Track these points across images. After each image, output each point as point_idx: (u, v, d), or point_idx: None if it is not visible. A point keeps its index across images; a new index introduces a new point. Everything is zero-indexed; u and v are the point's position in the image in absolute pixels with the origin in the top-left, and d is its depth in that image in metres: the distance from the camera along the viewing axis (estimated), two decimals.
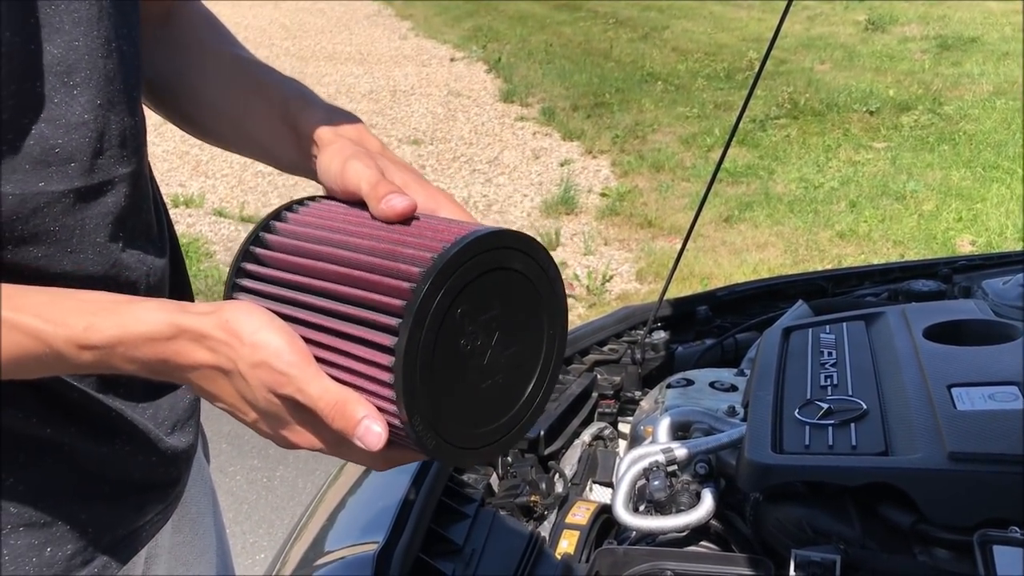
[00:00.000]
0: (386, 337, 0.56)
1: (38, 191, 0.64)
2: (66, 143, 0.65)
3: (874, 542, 0.89)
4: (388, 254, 0.59)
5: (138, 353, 0.60)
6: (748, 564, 0.91)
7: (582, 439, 1.35)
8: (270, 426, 0.62)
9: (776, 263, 4.36)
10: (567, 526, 1.10)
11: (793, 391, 1.11)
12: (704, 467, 1.04)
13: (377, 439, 0.58)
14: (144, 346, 0.60)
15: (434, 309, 0.55)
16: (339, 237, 0.64)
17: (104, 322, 0.59)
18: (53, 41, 0.63)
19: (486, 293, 0.58)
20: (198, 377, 0.61)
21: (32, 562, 0.72)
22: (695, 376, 1.31)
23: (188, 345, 0.60)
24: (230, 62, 0.83)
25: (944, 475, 0.87)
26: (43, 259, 0.66)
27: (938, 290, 1.53)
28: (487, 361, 0.59)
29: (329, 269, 0.62)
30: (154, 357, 0.60)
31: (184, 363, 0.60)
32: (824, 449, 0.96)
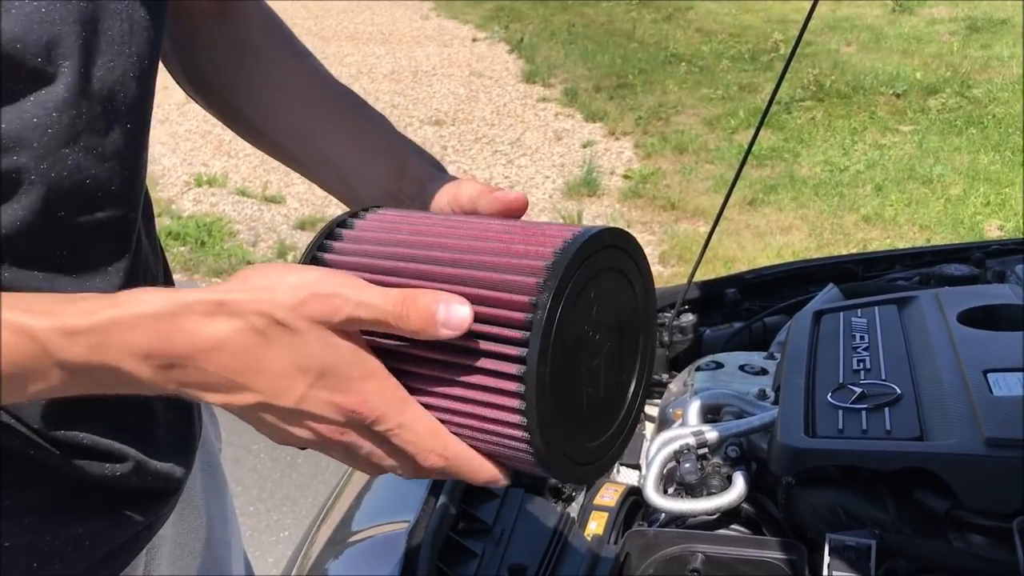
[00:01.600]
0: (512, 348, 0.50)
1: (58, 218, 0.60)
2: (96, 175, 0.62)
3: (909, 527, 0.88)
4: (500, 252, 0.53)
5: (138, 339, 0.49)
6: (780, 548, 0.91)
7: None
8: (329, 392, 0.51)
9: (800, 247, 4.33)
10: (596, 508, 1.10)
11: (825, 375, 1.10)
12: (735, 450, 1.03)
13: (465, 316, 0.50)
14: (143, 327, 0.49)
15: (561, 311, 0.50)
16: (435, 240, 0.56)
17: (96, 303, 0.50)
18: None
19: (599, 295, 0.53)
20: (222, 365, 0.50)
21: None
22: (725, 359, 1.30)
23: (199, 320, 0.50)
24: (307, 75, 0.81)
25: (981, 461, 0.86)
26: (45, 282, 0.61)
27: (971, 274, 1.51)
28: (596, 369, 0.54)
29: (431, 271, 0.54)
30: (159, 345, 0.49)
31: (198, 345, 0.50)
32: (858, 433, 0.95)
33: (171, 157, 5.88)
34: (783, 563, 0.90)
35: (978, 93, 5.89)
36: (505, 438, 0.52)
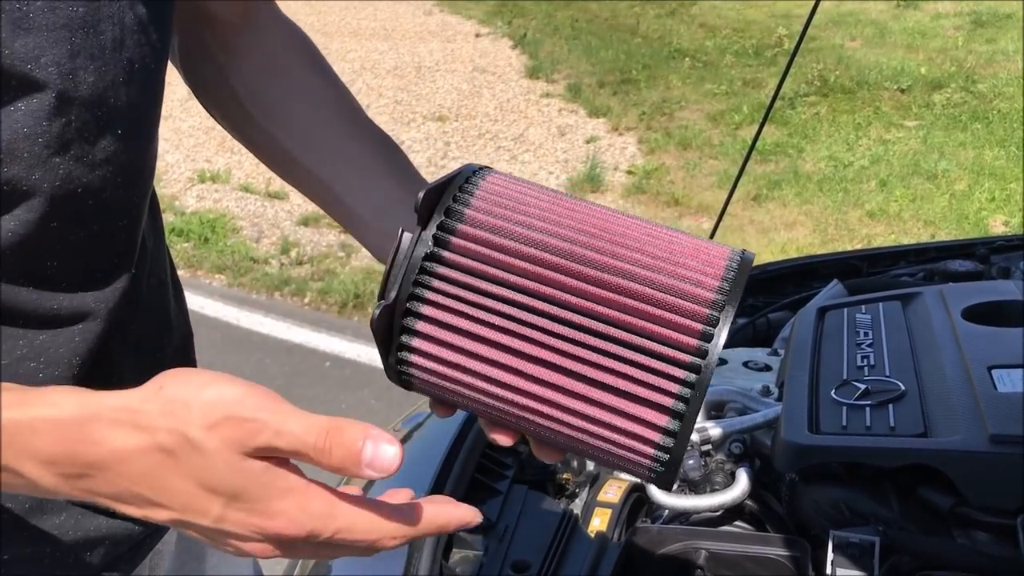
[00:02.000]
0: (678, 370, 0.49)
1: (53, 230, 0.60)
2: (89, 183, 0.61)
3: (912, 524, 0.88)
4: (669, 260, 0.51)
5: (40, 444, 0.46)
6: (784, 544, 0.91)
7: None
8: (245, 514, 0.47)
9: (804, 242, 4.32)
10: (599, 504, 1.10)
11: (829, 371, 1.10)
12: (739, 447, 1.03)
13: (393, 457, 0.47)
14: (47, 432, 0.46)
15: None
16: (595, 222, 0.53)
17: (5, 399, 0.47)
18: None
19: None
20: (131, 480, 0.47)
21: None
22: (728, 355, 1.30)
23: (107, 430, 0.46)
24: (334, 101, 0.81)
25: (985, 457, 0.86)
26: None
27: (976, 270, 1.51)
28: None
29: (586, 290, 0.50)
30: (62, 452, 0.46)
31: (105, 457, 0.46)
32: (862, 430, 0.95)
33: (174, 153, 5.88)
34: (787, 560, 0.90)
35: (983, 88, 5.87)
36: (632, 451, 0.51)
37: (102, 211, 0.62)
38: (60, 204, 0.59)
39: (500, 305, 0.50)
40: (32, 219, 0.58)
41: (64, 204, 0.59)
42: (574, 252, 0.51)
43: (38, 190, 0.57)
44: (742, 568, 0.92)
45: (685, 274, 0.51)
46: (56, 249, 0.60)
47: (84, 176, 0.60)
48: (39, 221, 0.58)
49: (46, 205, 0.58)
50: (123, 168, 0.63)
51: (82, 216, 0.61)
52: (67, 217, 0.60)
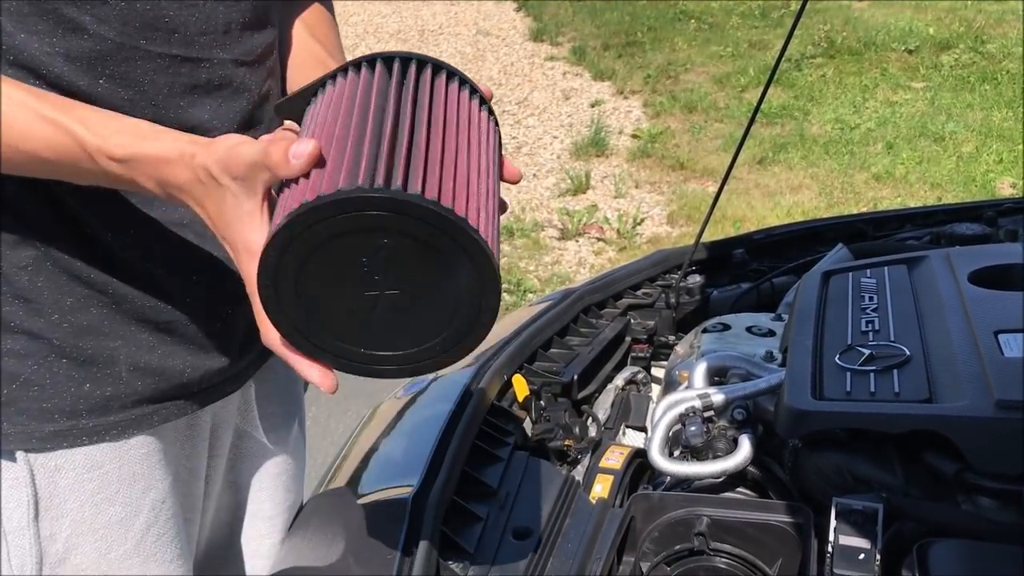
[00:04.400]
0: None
1: (136, 46, 0.75)
2: (175, 16, 0.76)
3: (917, 490, 0.87)
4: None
5: (151, 171, 0.68)
6: (786, 511, 0.90)
7: (615, 383, 1.34)
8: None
9: (810, 206, 4.29)
10: (601, 470, 1.09)
11: (833, 336, 1.09)
12: (742, 413, 1.03)
13: (306, 150, 0.63)
14: (153, 165, 0.68)
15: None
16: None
17: (130, 140, 0.69)
18: None
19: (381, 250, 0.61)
20: (186, 196, 0.69)
21: (70, 393, 0.81)
22: (732, 321, 1.29)
23: (178, 167, 0.68)
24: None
25: (990, 423, 0.85)
26: (127, 103, 0.75)
27: (983, 233, 1.49)
28: (370, 299, 0.63)
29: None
30: (157, 177, 0.68)
31: (173, 183, 0.68)
32: (866, 395, 0.94)
33: None
34: (789, 526, 0.90)
35: (992, 48, 5.79)
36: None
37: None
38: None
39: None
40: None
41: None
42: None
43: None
44: (744, 535, 0.91)
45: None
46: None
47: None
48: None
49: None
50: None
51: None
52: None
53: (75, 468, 0.83)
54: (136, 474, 0.86)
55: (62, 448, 0.81)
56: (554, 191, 4.80)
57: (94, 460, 0.83)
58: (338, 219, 0.59)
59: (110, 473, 0.84)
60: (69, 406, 0.81)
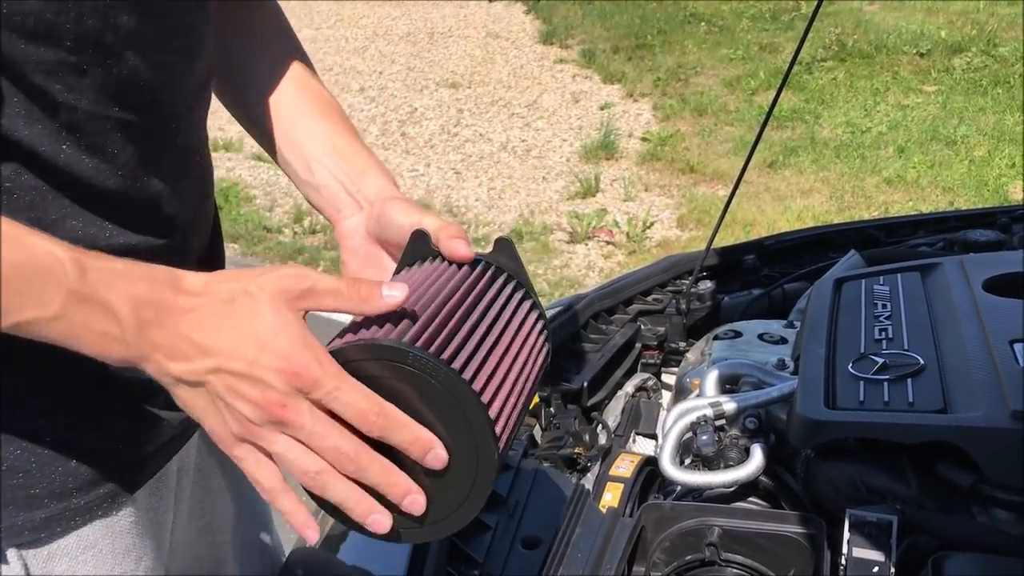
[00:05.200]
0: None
1: (108, 114, 0.68)
2: (150, 80, 0.70)
3: (931, 502, 0.86)
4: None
5: (136, 288, 0.59)
6: (799, 522, 0.89)
7: (625, 390, 1.33)
8: (274, 357, 0.59)
9: (821, 210, 4.28)
10: (611, 478, 1.09)
11: (846, 344, 1.08)
12: (753, 422, 1.02)
13: (400, 294, 0.64)
14: (143, 279, 0.60)
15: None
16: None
17: (109, 257, 0.60)
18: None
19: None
20: (190, 326, 0.60)
21: (58, 473, 0.73)
22: (743, 328, 1.28)
23: (186, 288, 0.61)
24: (296, 69, 0.89)
25: (1007, 434, 0.84)
26: (92, 170, 0.68)
27: (996, 240, 1.47)
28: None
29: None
30: (149, 295, 0.59)
31: (179, 304, 0.60)
32: (879, 405, 0.93)
33: None
34: (802, 537, 0.89)
35: (1004, 52, 5.77)
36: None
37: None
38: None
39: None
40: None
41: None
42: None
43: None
44: (756, 545, 0.90)
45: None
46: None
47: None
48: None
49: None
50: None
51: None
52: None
53: (68, 553, 0.76)
54: (128, 547, 0.80)
55: (55, 537, 0.74)
56: (563, 194, 4.79)
57: (87, 540, 0.77)
58: (376, 363, 0.62)
59: (104, 551, 0.78)
60: (59, 487, 0.73)
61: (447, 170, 5.24)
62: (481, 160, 5.31)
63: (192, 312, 0.60)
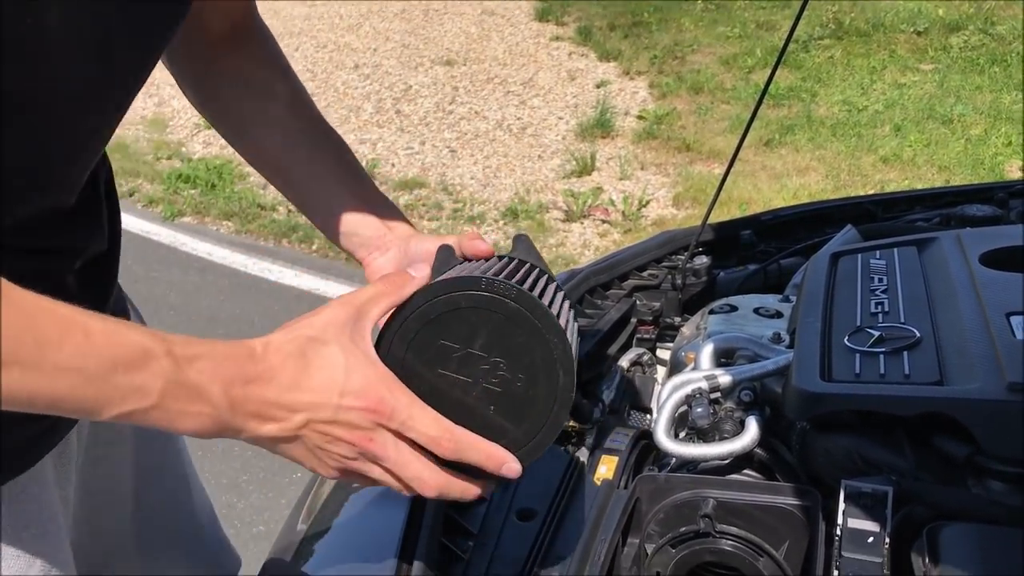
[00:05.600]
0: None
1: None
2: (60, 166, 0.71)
3: (927, 474, 0.86)
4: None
5: (223, 369, 0.61)
6: (794, 494, 0.89)
7: (620, 365, 1.33)
8: (355, 397, 0.64)
9: (817, 188, 4.27)
10: (606, 451, 1.08)
11: (842, 318, 1.07)
12: (749, 395, 1.01)
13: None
14: (226, 358, 0.62)
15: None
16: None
17: (190, 340, 0.62)
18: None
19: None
20: (278, 389, 0.63)
21: None
22: (739, 302, 1.27)
23: (265, 357, 0.64)
24: (298, 122, 0.95)
25: (1003, 406, 0.84)
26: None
27: (993, 215, 1.47)
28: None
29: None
30: (237, 371, 0.62)
31: (262, 374, 0.63)
32: (875, 378, 0.92)
33: (180, 99, 5.82)
34: (797, 509, 0.89)
35: (1002, 30, 5.75)
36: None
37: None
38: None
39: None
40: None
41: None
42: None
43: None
44: (751, 517, 0.90)
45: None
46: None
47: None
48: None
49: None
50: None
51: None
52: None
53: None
54: (28, 522, 0.79)
55: None
56: (559, 172, 4.78)
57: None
58: (457, 295, 0.68)
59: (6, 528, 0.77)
60: None
61: (442, 148, 5.22)
62: (476, 138, 5.29)
63: (272, 377, 0.63)
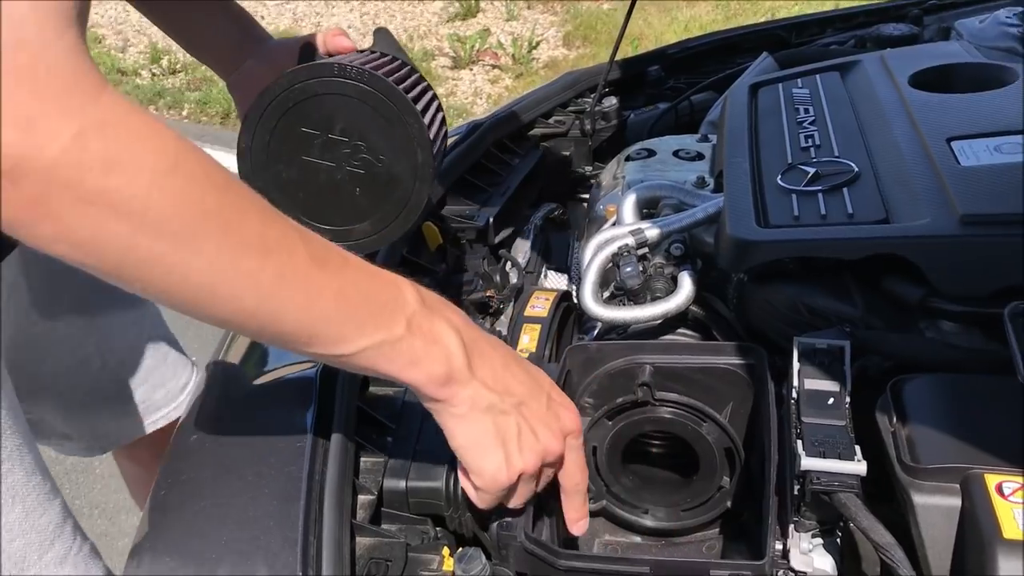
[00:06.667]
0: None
1: None
2: None
3: (879, 321, 0.79)
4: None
5: (456, 319, 0.62)
6: (737, 352, 0.82)
7: (533, 223, 1.23)
8: (561, 396, 0.68)
9: (708, 19, 4.16)
10: (527, 320, 1.00)
11: (771, 155, 0.99)
12: (679, 248, 0.93)
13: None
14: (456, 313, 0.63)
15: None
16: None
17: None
18: None
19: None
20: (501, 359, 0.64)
21: None
22: (656, 145, 1.18)
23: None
24: None
25: (956, 241, 0.77)
26: None
27: (911, 34, 1.39)
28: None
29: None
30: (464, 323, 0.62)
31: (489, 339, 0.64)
32: (816, 220, 0.85)
33: None
34: (740, 368, 0.82)
35: None
36: None
37: None
38: None
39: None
40: None
41: None
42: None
43: None
44: (690, 381, 0.83)
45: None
46: None
47: None
48: None
49: None
50: None
51: None
52: None
53: None
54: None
55: None
56: (442, 16, 4.53)
57: None
58: (316, 83, 0.71)
59: None
60: None
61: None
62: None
63: (497, 348, 0.64)
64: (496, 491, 0.64)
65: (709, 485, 0.86)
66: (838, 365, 0.71)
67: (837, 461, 0.62)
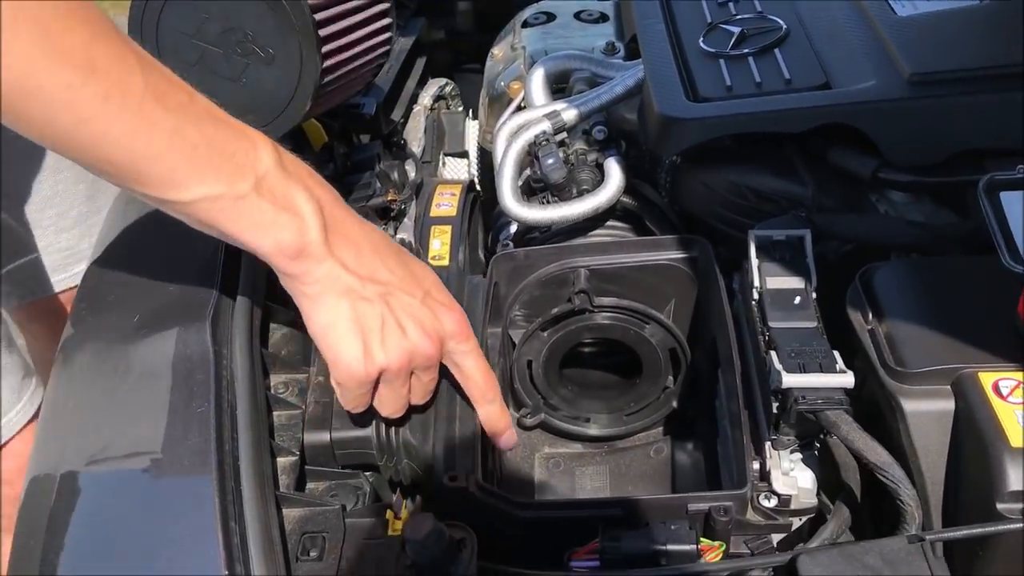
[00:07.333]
0: None
1: None
2: None
3: (830, 200, 0.73)
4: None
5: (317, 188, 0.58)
6: (679, 246, 0.75)
7: (422, 104, 1.11)
8: (439, 291, 0.62)
9: None
10: (434, 221, 0.90)
11: (688, 15, 0.89)
12: (602, 130, 0.83)
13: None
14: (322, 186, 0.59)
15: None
16: None
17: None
18: None
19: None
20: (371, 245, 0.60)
21: None
22: (555, 7, 1.06)
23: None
24: None
25: (907, 104, 0.71)
26: None
27: None
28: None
29: None
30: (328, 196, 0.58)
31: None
32: (752, 89, 0.76)
33: None
34: (683, 263, 0.75)
35: None
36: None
37: None
38: None
39: None
40: None
41: None
42: None
43: None
44: (630, 280, 0.76)
45: None
46: None
47: None
48: None
49: None
50: None
51: None
52: None
53: None
54: None
55: None
56: None
57: None
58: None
59: None
60: None
61: None
62: None
63: (369, 234, 0.60)
64: (355, 386, 0.59)
65: (654, 387, 0.80)
66: (800, 258, 0.65)
67: (819, 375, 0.56)
